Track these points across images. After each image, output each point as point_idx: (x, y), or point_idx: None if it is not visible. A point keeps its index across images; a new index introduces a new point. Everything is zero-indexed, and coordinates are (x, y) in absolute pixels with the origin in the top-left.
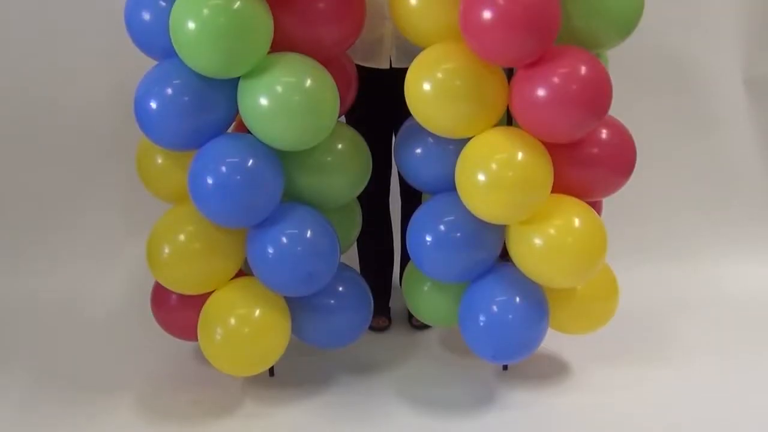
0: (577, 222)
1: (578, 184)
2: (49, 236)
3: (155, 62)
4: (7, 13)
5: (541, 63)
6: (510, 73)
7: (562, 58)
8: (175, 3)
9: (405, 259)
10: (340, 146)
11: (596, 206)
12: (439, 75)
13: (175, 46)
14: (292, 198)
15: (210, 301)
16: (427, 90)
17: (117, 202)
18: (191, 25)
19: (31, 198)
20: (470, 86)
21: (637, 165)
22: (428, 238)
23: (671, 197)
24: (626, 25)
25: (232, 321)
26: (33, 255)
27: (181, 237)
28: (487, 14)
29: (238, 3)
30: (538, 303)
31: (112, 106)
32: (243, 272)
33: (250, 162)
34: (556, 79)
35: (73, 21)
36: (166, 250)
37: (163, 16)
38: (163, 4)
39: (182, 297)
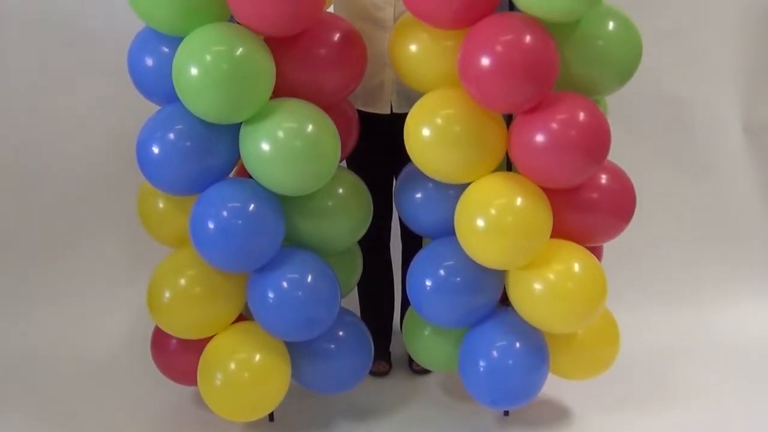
0: (577, 267)
1: (578, 229)
2: (49, 279)
3: (158, 107)
4: (11, 55)
5: (540, 109)
6: (509, 118)
7: (560, 104)
8: (178, 49)
9: (405, 303)
10: (341, 191)
11: (596, 251)
12: (439, 121)
13: (177, 92)
14: (293, 242)
15: (210, 346)
16: (426, 135)
17: (118, 245)
18: (194, 70)
19: (32, 240)
20: (469, 132)
21: (637, 210)
22: (428, 283)
23: (671, 242)
24: (624, 72)
25: (232, 366)
26: (33, 297)
27: (182, 281)
28: (485, 61)
29: (240, 49)
30: (538, 348)
31: (114, 150)
32: (243, 317)
33: (252, 207)
34: (554, 125)
35: (77, 65)
36: (167, 295)
37: (166, 62)
38: (166, 49)
39: (182, 341)
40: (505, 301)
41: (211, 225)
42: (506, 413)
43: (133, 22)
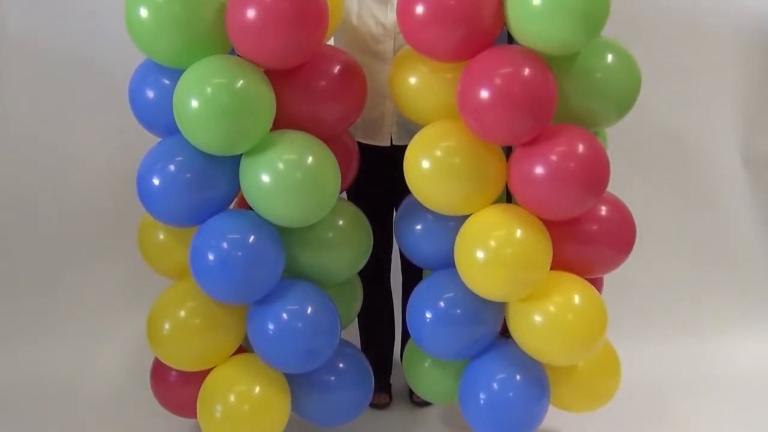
0: (577, 299)
1: (578, 261)
2: (48, 310)
3: (158, 139)
4: (12, 86)
5: (539, 141)
6: (509, 150)
7: (559, 136)
8: (179, 81)
9: (406, 335)
10: (341, 222)
11: (597, 283)
12: (438, 153)
13: (178, 124)
14: (293, 274)
15: (210, 378)
16: (426, 168)
17: (118, 277)
18: (194, 103)
19: (32, 272)
20: (469, 164)
21: (637, 242)
22: (428, 315)
23: (671, 274)
24: (623, 104)
25: (232, 398)
26: (32, 329)
27: (182, 313)
28: (484, 94)
29: (240, 82)
30: (538, 381)
31: (115, 181)
32: (243, 348)
33: (252, 238)
34: (554, 157)
35: (78, 96)
36: (167, 326)
37: (166, 94)
38: (167, 82)
39: (182, 373)
40: (505, 332)
41: (211, 257)
42: None
43: (135, 55)
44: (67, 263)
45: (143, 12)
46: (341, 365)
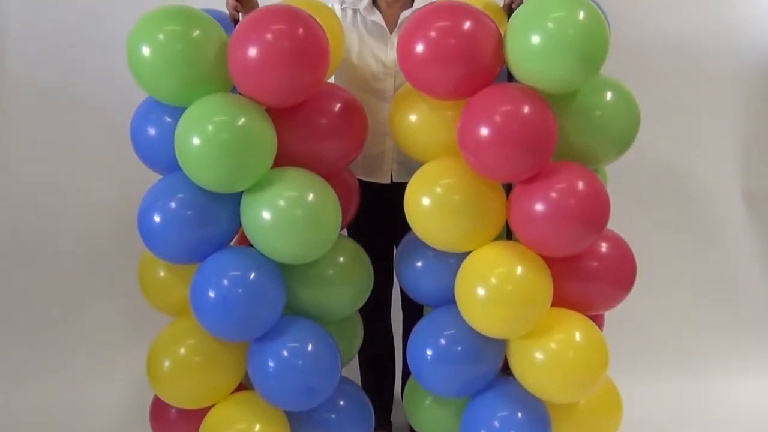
0: (578, 336)
1: (578, 297)
2: (48, 347)
3: (159, 176)
4: (13, 124)
5: (539, 178)
6: (509, 187)
7: (559, 174)
8: (181, 118)
9: (406, 372)
10: (341, 259)
11: (597, 320)
12: (438, 190)
13: (179, 161)
14: (294, 311)
15: (210, 416)
16: (426, 205)
17: (118, 314)
18: (196, 140)
19: (32, 309)
20: (469, 201)
21: (637, 278)
22: (429, 352)
23: (672, 310)
24: (622, 141)
25: None
26: (32, 366)
27: (182, 350)
28: (484, 131)
29: (242, 119)
30: (540, 418)
31: (116, 219)
32: (243, 386)
33: (252, 275)
34: (553, 194)
35: (79, 134)
36: (166, 364)
37: (168, 132)
38: (169, 119)
39: (182, 411)
40: (506, 370)
41: (211, 294)
42: None
43: (136, 92)
44: (68, 300)
45: (145, 50)
46: (342, 403)
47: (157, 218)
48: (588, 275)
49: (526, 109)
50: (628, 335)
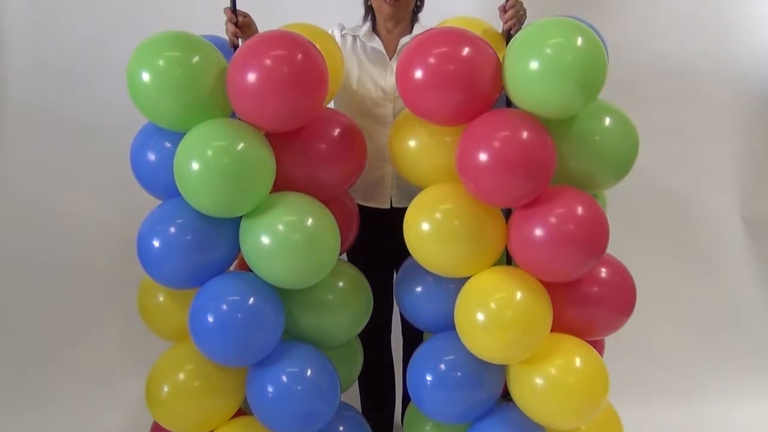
0: (578, 361)
1: (578, 323)
2: (47, 373)
3: (159, 201)
4: (14, 148)
5: (538, 203)
6: (508, 212)
7: (558, 199)
8: (180, 144)
9: (407, 397)
10: (341, 284)
11: (598, 345)
12: (438, 215)
13: (178, 186)
14: (293, 336)
15: None
16: (425, 230)
17: (117, 339)
18: (195, 165)
19: (31, 334)
20: (468, 226)
21: (637, 304)
22: (428, 378)
23: (672, 336)
24: (621, 166)
25: None
26: (31, 391)
27: (181, 376)
28: (483, 157)
29: (241, 144)
30: None
31: (115, 244)
32: (243, 411)
33: (251, 300)
34: (553, 220)
35: (79, 159)
36: (165, 389)
37: (167, 157)
38: (168, 145)
39: None
40: (506, 396)
41: (210, 319)
42: None
43: (136, 118)
44: (67, 325)
45: (145, 76)
46: (341, 428)
47: (156, 243)
48: (588, 300)
49: (525, 134)
50: (629, 361)
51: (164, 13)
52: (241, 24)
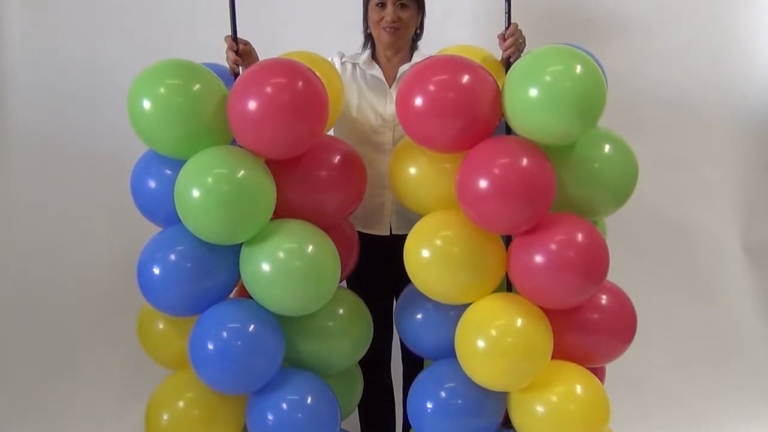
0: (579, 389)
1: (579, 350)
2: (46, 399)
3: (159, 228)
4: (14, 175)
5: (538, 230)
6: (508, 239)
7: (558, 226)
8: (181, 171)
9: (407, 424)
10: (341, 311)
11: (598, 372)
12: (438, 242)
13: (179, 213)
14: (293, 363)
15: None
16: (425, 257)
17: (117, 367)
18: (195, 192)
19: (31, 362)
20: (468, 253)
21: (637, 331)
22: (429, 405)
23: (673, 364)
24: (621, 193)
25: None
26: (30, 419)
27: (181, 404)
28: (483, 184)
29: (242, 171)
30: None
31: (115, 271)
32: None
33: (251, 327)
34: (553, 246)
35: (80, 186)
36: (165, 417)
37: (168, 184)
38: (169, 172)
39: None
40: (507, 423)
41: (210, 346)
42: None
43: (136, 145)
44: (67, 353)
45: (146, 103)
46: None
47: (156, 270)
48: (588, 327)
49: (525, 161)
50: (629, 388)
51: (165, 41)
52: (241, 52)
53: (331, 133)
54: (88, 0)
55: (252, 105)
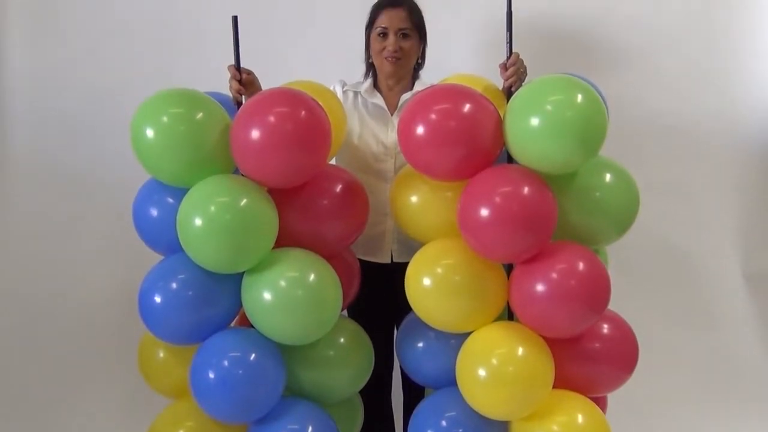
0: (580, 418)
1: (580, 379)
2: (48, 429)
3: (160, 257)
4: (16, 203)
5: (539, 259)
6: (509, 267)
7: (559, 254)
8: (183, 199)
9: None
10: (342, 340)
11: (600, 402)
12: (439, 270)
13: (181, 242)
14: (294, 392)
15: None
16: (427, 285)
17: (117, 395)
18: (198, 221)
19: (31, 390)
20: (470, 281)
21: (639, 360)
22: None
23: (674, 393)
24: (622, 222)
25: None
26: None
27: None
28: (484, 212)
29: (244, 200)
30: None
31: (117, 300)
32: None
33: (252, 356)
34: (554, 275)
35: (81, 214)
36: None
37: (170, 213)
38: (171, 200)
39: None
40: None
41: (211, 375)
42: None
43: (139, 173)
44: (67, 382)
45: (149, 132)
46: None
47: (158, 299)
48: (590, 356)
49: (526, 190)
50: (631, 417)
51: (168, 69)
52: (244, 81)
53: (333, 161)
54: (90, 27)
55: (255, 134)
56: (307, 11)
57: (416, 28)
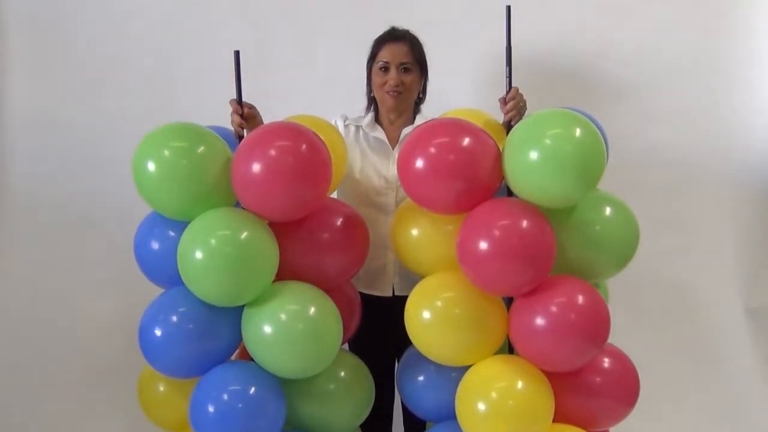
0: None
1: (581, 413)
2: None
3: (161, 290)
4: (15, 235)
5: (539, 292)
6: (509, 301)
7: (559, 288)
8: (184, 232)
9: None
10: (342, 374)
11: None
12: (439, 303)
13: (181, 275)
14: (294, 426)
15: None
16: (427, 318)
17: (117, 429)
18: (198, 254)
19: (31, 425)
20: (469, 315)
21: (640, 395)
22: None
23: (676, 426)
24: (622, 256)
25: None
26: None
27: None
28: (483, 245)
29: (245, 233)
30: None
31: (117, 333)
32: None
33: (252, 390)
34: (553, 309)
35: (81, 247)
36: None
37: (171, 246)
38: (172, 234)
39: None
40: None
41: (211, 408)
42: None
43: (138, 208)
44: (67, 417)
45: (150, 166)
46: None
47: (158, 332)
48: (590, 390)
49: (525, 223)
50: None
51: (170, 103)
52: (246, 115)
53: (334, 194)
54: (91, 60)
55: (256, 168)
56: (309, 46)
57: (417, 63)
